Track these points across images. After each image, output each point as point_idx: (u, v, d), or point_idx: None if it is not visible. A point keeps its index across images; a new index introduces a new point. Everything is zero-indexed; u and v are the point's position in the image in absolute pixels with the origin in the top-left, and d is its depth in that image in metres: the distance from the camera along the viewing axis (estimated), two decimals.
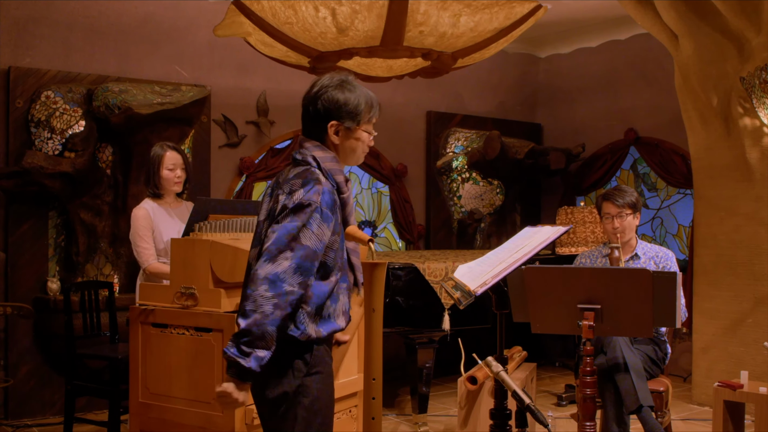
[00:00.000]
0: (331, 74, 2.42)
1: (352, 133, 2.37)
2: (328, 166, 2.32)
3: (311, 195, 2.21)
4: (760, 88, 4.89)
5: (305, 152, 2.35)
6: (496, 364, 2.83)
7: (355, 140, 2.38)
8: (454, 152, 7.25)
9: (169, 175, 3.93)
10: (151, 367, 3.25)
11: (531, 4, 4.49)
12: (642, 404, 3.46)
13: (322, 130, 2.35)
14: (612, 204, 3.98)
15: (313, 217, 2.20)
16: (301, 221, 2.18)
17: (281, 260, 2.14)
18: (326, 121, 2.34)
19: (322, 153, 2.34)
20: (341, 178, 2.35)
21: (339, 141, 2.36)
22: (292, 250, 2.15)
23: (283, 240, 2.16)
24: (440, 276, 4.68)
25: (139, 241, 3.86)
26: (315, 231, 2.20)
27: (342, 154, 2.39)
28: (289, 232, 2.16)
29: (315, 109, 2.35)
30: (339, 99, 2.34)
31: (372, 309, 2.75)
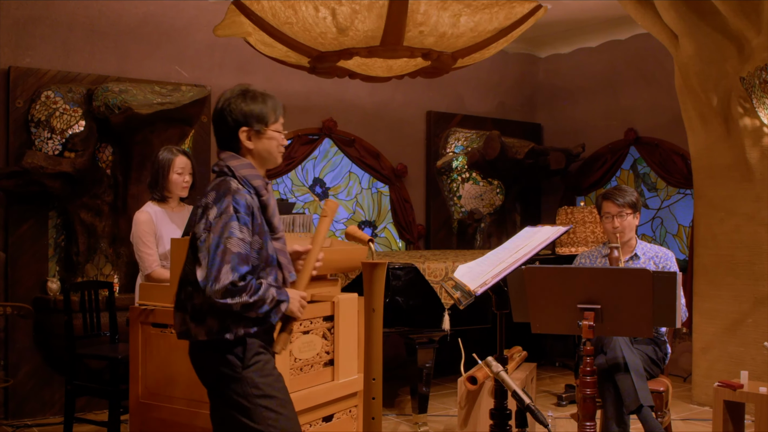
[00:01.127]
0: (232, 87, 2.62)
1: (263, 135, 2.55)
2: (243, 173, 2.49)
3: (223, 207, 2.38)
4: (760, 88, 4.89)
5: (221, 163, 2.54)
6: (496, 364, 2.83)
7: (268, 141, 2.55)
8: (454, 152, 7.25)
9: (178, 179, 3.92)
10: (151, 367, 3.25)
11: (531, 4, 4.49)
12: (642, 404, 3.46)
13: (235, 139, 2.53)
14: (612, 203, 3.98)
15: (232, 225, 2.36)
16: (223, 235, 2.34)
17: (223, 277, 2.31)
18: (237, 130, 2.52)
19: (237, 161, 2.52)
20: (259, 183, 2.50)
21: (253, 145, 2.54)
22: (228, 263, 2.32)
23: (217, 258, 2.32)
24: (440, 276, 4.68)
25: (142, 247, 3.84)
26: (238, 236, 2.36)
27: (258, 157, 2.56)
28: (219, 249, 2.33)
29: (225, 121, 2.54)
30: (243, 108, 2.53)
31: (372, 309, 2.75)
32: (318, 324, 3.54)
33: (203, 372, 2.52)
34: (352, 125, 6.76)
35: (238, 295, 2.31)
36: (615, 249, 3.79)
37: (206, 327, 2.43)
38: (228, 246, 2.33)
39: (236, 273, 2.31)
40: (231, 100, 2.54)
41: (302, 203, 6.56)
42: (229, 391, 2.45)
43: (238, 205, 2.39)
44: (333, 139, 6.69)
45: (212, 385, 2.50)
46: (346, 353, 3.66)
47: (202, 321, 2.43)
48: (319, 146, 6.61)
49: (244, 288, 2.32)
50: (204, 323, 2.43)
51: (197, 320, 2.44)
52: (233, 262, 2.32)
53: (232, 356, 2.43)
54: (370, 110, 6.91)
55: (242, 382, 2.43)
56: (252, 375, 2.44)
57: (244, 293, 2.32)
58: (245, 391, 2.43)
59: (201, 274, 2.33)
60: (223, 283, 2.30)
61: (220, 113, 2.55)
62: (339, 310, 3.62)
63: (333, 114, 6.63)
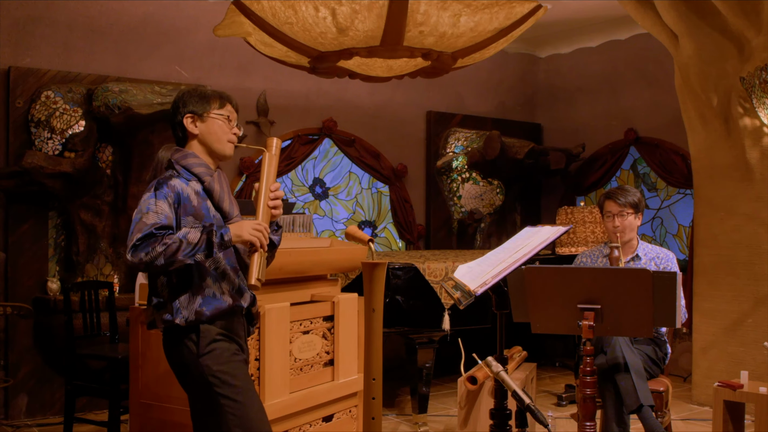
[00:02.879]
0: None
1: (207, 118, 2.62)
2: (185, 162, 2.58)
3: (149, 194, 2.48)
4: (760, 88, 4.89)
5: (165, 155, 2.71)
6: (496, 364, 2.83)
7: (212, 123, 2.62)
8: (454, 152, 7.25)
9: None
10: (151, 367, 3.25)
11: (531, 4, 4.49)
12: (642, 404, 3.45)
13: (183, 128, 2.62)
14: (613, 202, 3.97)
15: (149, 202, 2.44)
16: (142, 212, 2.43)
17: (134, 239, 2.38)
18: (183, 117, 2.60)
19: (178, 153, 2.62)
20: (200, 170, 2.58)
21: (198, 130, 2.62)
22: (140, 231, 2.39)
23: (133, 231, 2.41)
24: (440, 276, 4.68)
25: None
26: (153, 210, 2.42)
27: (204, 143, 2.63)
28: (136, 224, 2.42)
29: (174, 115, 2.63)
30: (185, 97, 2.63)
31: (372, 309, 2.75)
32: (318, 324, 3.54)
33: (170, 360, 2.58)
34: (352, 125, 6.76)
35: (147, 248, 2.35)
36: (615, 248, 3.79)
37: (161, 314, 2.50)
38: (144, 219, 2.40)
39: (141, 234, 2.37)
40: (177, 95, 2.66)
41: (302, 203, 6.56)
42: (188, 378, 2.51)
43: (160, 187, 2.46)
44: (333, 139, 6.69)
45: (177, 373, 2.56)
46: (346, 353, 3.66)
47: (160, 308, 2.51)
48: (319, 146, 6.61)
49: (149, 239, 2.36)
50: (161, 310, 2.50)
51: (159, 308, 2.52)
52: (144, 229, 2.37)
53: (190, 342, 2.48)
54: (370, 110, 6.91)
55: (199, 370, 2.47)
56: (208, 362, 2.47)
57: (156, 243, 2.35)
58: (203, 379, 2.46)
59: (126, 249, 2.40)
60: (133, 242, 2.36)
61: (172, 109, 2.65)
62: (339, 310, 3.62)
63: (333, 114, 6.63)
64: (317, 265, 3.70)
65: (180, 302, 2.47)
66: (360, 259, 3.71)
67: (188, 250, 2.37)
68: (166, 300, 2.49)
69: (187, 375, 2.51)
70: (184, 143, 2.65)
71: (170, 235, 2.37)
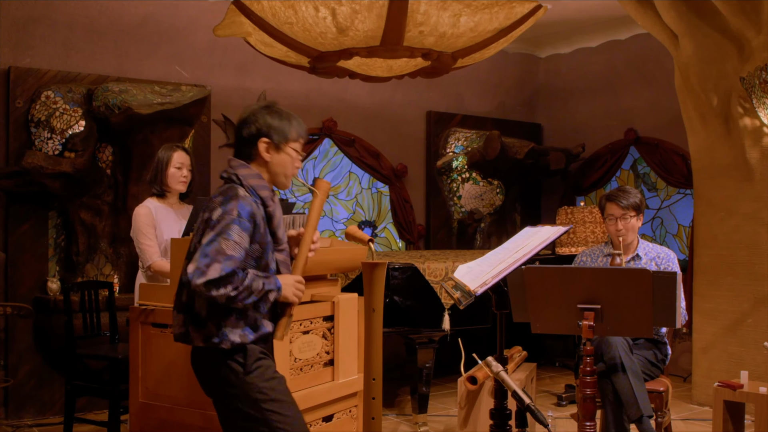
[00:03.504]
0: (259, 102, 2.71)
1: (281, 149, 2.58)
2: (251, 182, 2.53)
3: (228, 208, 2.41)
4: (760, 88, 4.89)
5: (230, 170, 2.57)
6: (496, 364, 2.83)
7: (285, 156, 2.59)
8: (454, 152, 7.25)
9: (176, 173, 3.94)
10: (151, 367, 3.25)
11: (531, 4, 4.49)
12: (643, 414, 3.46)
13: (254, 148, 2.57)
14: (616, 205, 3.95)
15: (232, 228, 2.39)
16: (221, 234, 2.37)
17: (210, 271, 2.34)
18: (257, 139, 2.56)
19: (246, 171, 2.56)
20: (266, 193, 2.54)
21: (270, 158, 2.58)
22: (218, 261, 2.34)
23: (209, 254, 2.35)
24: (440, 276, 4.68)
25: (142, 239, 3.85)
26: (235, 240, 2.38)
27: (272, 171, 2.59)
28: (213, 247, 2.36)
29: (247, 130, 2.58)
30: (268, 120, 2.57)
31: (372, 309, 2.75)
32: (318, 324, 3.54)
33: (206, 379, 2.53)
34: (352, 125, 6.76)
35: (223, 287, 2.34)
36: (617, 256, 3.79)
37: (204, 333, 2.45)
38: (223, 246, 2.36)
39: (223, 271, 2.34)
40: (257, 111, 2.59)
41: (302, 203, 6.56)
42: (233, 398, 2.47)
43: (242, 210, 2.42)
44: (333, 139, 6.69)
45: (216, 392, 2.51)
46: (346, 353, 3.65)
47: (201, 327, 2.46)
48: (319, 146, 6.61)
49: (230, 280, 2.34)
50: (203, 329, 2.45)
51: (196, 324, 2.47)
52: (224, 262, 2.34)
53: (234, 363, 2.45)
54: (370, 110, 6.91)
55: (246, 389, 2.44)
56: (255, 380, 2.45)
57: (229, 285, 2.34)
58: (250, 397, 2.44)
59: (191, 267, 2.35)
60: (208, 277, 2.33)
61: (244, 121, 2.59)
62: (339, 310, 3.62)
63: (333, 114, 6.63)
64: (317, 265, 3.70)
65: (226, 326, 2.44)
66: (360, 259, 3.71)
67: (249, 299, 2.39)
68: (205, 318, 2.46)
69: (229, 393, 2.47)
70: (247, 159, 2.59)
71: (242, 280, 2.37)
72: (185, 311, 2.51)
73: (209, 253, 2.35)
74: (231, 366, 2.45)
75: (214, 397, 2.54)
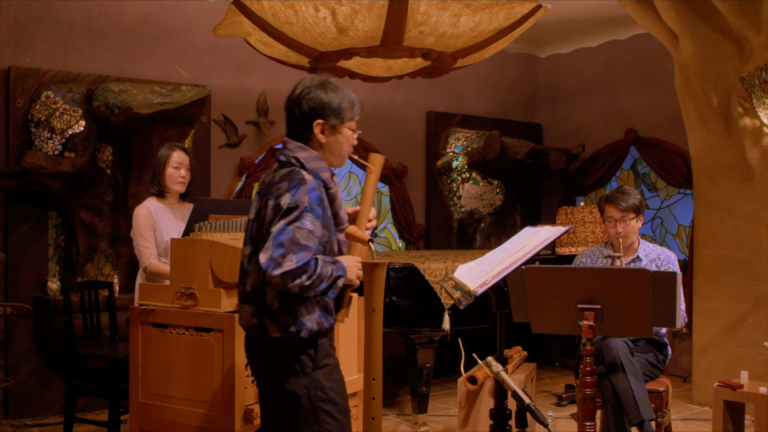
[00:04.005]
0: (312, 76, 2.54)
1: (337, 130, 2.49)
2: (313, 165, 2.44)
3: (298, 196, 2.33)
4: (760, 88, 4.89)
5: (288, 153, 2.47)
6: (496, 364, 2.83)
7: (341, 137, 2.50)
8: (454, 152, 7.25)
9: (174, 173, 3.94)
10: (151, 367, 3.25)
11: (531, 4, 4.49)
12: (644, 418, 3.46)
13: (308, 129, 2.47)
14: (615, 208, 3.93)
15: (305, 216, 2.31)
16: (294, 223, 2.30)
17: (286, 263, 2.25)
18: (312, 120, 2.46)
19: (305, 153, 2.46)
20: (327, 175, 2.47)
21: (325, 139, 2.49)
22: (293, 252, 2.27)
23: (284, 245, 2.27)
24: (440, 276, 4.68)
25: (140, 240, 3.86)
26: (309, 228, 2.31)
27: (328, 152, 2.51)
28: (287, 236, 2.28)
29: (300, 110, 2.47)
30: (323, 98, 2.46)
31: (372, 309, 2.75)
32: None
33: (269, 367, 2.46)
34: None
35: (298, 277, 2.27)
36: (617, 259, 3.78)
37: (281, 324, 2.39)
38: (297, 235, 2.28)
39: (298, 261, 2.27)
40: (311, 89, 2.47)
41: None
42: (292, 388, 2.41)
43: (312, 197, 2.34)
44: None
45: (275, 381, 2.45)
46: (346, 353, 3.65)
47: (276, 318, 2.40)
48: None
49: (305, 269, 2.28)
50: (278, 320, 2.40)
51: (271, 316, 2.41)
52: (299, 253, 2.27)
53: (305, 356, 2.41)
54: (370, 110, 6.90)
55: (309, 383, 2.40)
56: (320, 377, 2.42)
57: (304, 274, 2.27)
58: (310, 392, 2.41)
59: (264, 257, 2.27)
60: (285, 268, 2.25)
61: (296, 100, 2.48)
62: None
63: None
64: None
65: (302, 313, 2.39)
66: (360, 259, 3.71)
67: (321, 286, 2.33)
68: (278, 310, 2.39)
69: (291, 386, 2.42)
70: (302, 140, 2.48)
71: (315, 268, 2.30)
72: (253, 302, 2.45)
73: (284, 243, 2.27)
74: (302, 359, 2.40)
75: (271, 386, 2.47)
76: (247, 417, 3.02)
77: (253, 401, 3.10)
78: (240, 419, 3.00)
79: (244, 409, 3.03)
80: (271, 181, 2.43)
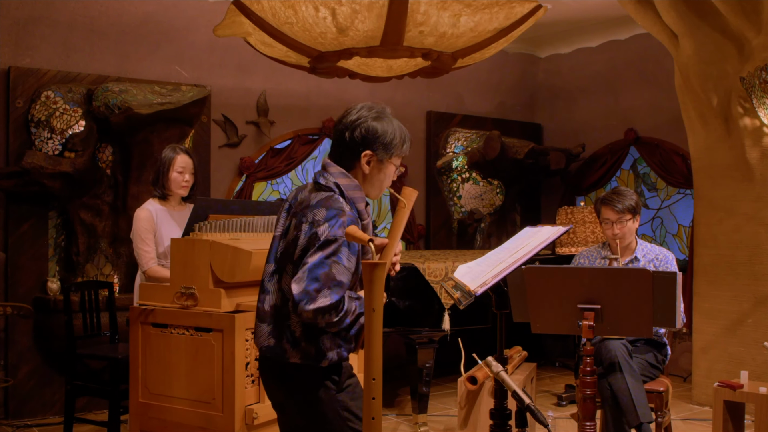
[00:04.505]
0: (369, 104, 2.47)
1: (383, 164, 2.44)
2: (351, 194, 2.38)
3: (337, 230, 2.27)
4: (760, 88, 4.89)
5: (329, 177, 2.39)
6: (496, 364, 2.83)
7: (385, 171, 2.46)
8: (454, 152, 7.25)
9: (178, 177, 3.93)
10: (151, 367, 3.25)
11: (531, 4, 4.49)
12: (642, 421, 3.46)
13: (355, 157, 2.41)
14: (611, 210, 3.92)
15: (342, 251, 2.26)
16: (331, 257, 2.25)
17: (321, 299, 2.21)
18: (361, 149, 2.39)
19: (347, 180, 2.39)
20: (362, 206, 2.41)
21: (369, 170, 2.43)
22: (329, 288, 2.23)
23: (320, 279, 2.22)
24: (440, 276, 4.68)
25: (140, 243, 3.85)
26: (345, 265, 2.27)
27: (368, 184, 2.46)
28: (323, 271, 2.23)
29: (352, 136, 2.40)
30: (378, 130, 2.40)
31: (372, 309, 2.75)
32: None
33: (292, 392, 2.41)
34: None
35: (328, 314, 2.23)
36: (614, 261, 3.78)
37: (302, 351, 2.34)
38: (333, 270, 2.24)
39: (333, 299, 2.23)
40: (368, 119, 2.41)
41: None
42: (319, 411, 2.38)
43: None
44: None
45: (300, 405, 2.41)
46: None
47: (297, 344, 2.35)
48: (319, 146, 6.60)
49: (336, 306, 2.24)
50: (299, 346, 2.35)
51: (291, 341, 2.35)
52: (334, 289, 2.23)
53: (329, 381, 2.38)
54: None
55: (335, 405, 2.38)
56: (345, 398, 2.40)
57: (334, 311, 2.24)
58: (336, 413, 2.38)
59: (297, 289, 2.22)
60: (318, 305, 2.21)
61: (350, 127, 2.40)
62: None
63: (333, 114, 6.63)
64: None
65: (324, 343, 2.34)
66: None
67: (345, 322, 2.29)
68: (300, 337, 2.33)
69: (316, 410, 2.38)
70: (345, 165, 2.42)
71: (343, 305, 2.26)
72: (271, 322, 2.39)
73: (319, 277, 2.22)
74: (326, 384, 2.37)
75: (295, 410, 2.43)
76: (247, 417, 3.02)
77: (253, 401, 3.10)
78: (240, 419, 3.00)
79: (244, 409, 3.03)
80: (307, 204, 2.36)
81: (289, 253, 2.34)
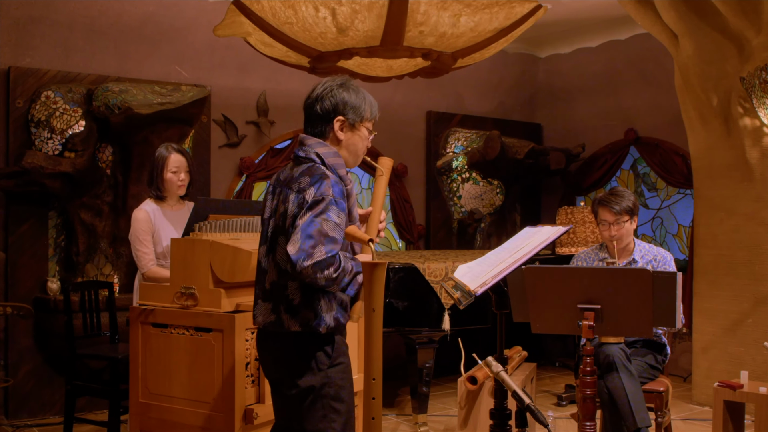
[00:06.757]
0: (332, 77, 2.60)
1: (356, 128, 2.55)
2: (331, 161, 2.48)
3: (323, 189, 2.36)
4: (760, 88, 4.89)
5: (308, 149, 2.50)
6: (496, 364, 2.83)
7: (359, 135, 2.56)
8: (454, 152, 7.25)
9: (173, 178, 3.91)
10: (151, 367, 3.25)
11: (531, 4, 4.49)
12: (639, 426, 3.46)
13: (328, 126, 2.53)
14: (608, 211, 3.89)
15: (330, 209, 2.34)
16: (321, 215, 2.32)
17: (317, 254, 2.27)
18: (333, 117, 2.51)
19: (325, 149, 2.50)
20: (343, 172, 2.50)
21: (344, 136, 2.53)
22: (323, 243, 2.29)
23: (313, 236, 2.29)
24: (440, 276, 4.68)
25: (138, 245, 3.84)
26: (336, 221, 2.34)
27: (345, 150, 2.56)
28: (315, 228, 2.30)
29: (322, 106, 2.52)
30: (345, 96, 2.52)
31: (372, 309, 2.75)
32: None
33: (285, 362, 2.47)
34: None
35: (327, 269, 2.28)
36: (612, 265, 3.76)
37: (300, 318, 2.41)
38: (325, 227, 2.31)
39: (329, 252, 2.29)
40: (333, 88, 2.54)
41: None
42: (307, 383, 2.44)
43: (335, 191, 2.38)
44: None
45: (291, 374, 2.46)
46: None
47: (296, 312, 2.42)
48: None
49: (333, 261, 2.30)
50: (298, 314, 2.42)
51: (291, 311, 2.43)
52: (328, 244, 2.29)
53: (322, 352, 2.44)
54: None
55: (324, 379, 2.43)
56: (333, 374, 2.45)
57: (332, 266, 2.29)
58: (323, 390, 2.43)
59: (293, 249, 2.28)
60: (315, 258, 2.26)
61: (318, 97, 2.54)
62: None
63: None
64: None
65: (321, 308, 2.41)
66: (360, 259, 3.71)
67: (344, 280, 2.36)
68: (299, 304, 2.41)
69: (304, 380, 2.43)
70: (320, 136, 2.53)
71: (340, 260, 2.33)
72: (272, 298, 2.46)
73: (312, 234, 2.29)
74: (318, 356, 2.43)
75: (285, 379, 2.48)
76: (247, 417, 3.02)
77: (253, 401, 3.10)
78: (240, 419, 3.00)
79: (244, 409, 3.03)
80: (290, 177, 2.46)
81: (280, 226, 2.43)
